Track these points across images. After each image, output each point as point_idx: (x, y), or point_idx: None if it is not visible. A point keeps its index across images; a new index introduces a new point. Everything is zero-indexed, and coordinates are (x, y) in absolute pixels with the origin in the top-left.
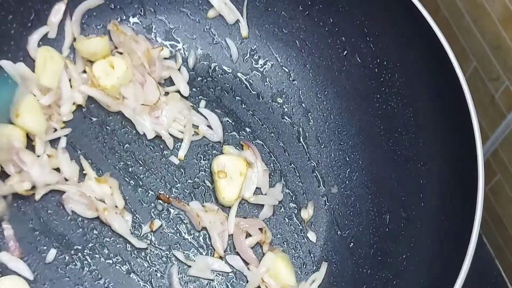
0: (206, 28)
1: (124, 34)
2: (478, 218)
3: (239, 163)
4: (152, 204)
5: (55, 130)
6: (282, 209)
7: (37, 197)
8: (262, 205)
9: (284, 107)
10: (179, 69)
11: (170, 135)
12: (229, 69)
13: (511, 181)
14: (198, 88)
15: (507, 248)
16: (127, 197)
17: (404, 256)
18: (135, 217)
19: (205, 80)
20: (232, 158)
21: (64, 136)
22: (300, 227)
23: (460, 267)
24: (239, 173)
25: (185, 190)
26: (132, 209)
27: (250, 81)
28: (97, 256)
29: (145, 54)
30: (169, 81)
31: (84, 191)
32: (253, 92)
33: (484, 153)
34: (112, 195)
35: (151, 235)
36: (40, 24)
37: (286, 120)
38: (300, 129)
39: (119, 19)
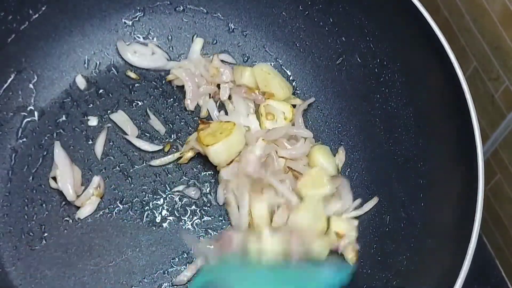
0: (206, 29)
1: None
2: (478, 218)
3: (286, 108)
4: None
5: None
6: None
7: None
8: None
9: None
10: None
11: None
12: None
13: (511, 181)
14: None
15: (507, 248)
16: None
17: (404, 256)
18: None
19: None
20: (280, 103)
21: None
22: None
23: (460, 267)
24: (284, 117)
25: None
26: None
27: None
28: None
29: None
30: None
31: None
32: None
33: (484, 153)
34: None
35: None
36: None
37: None
38: None
39: (120, 19)
